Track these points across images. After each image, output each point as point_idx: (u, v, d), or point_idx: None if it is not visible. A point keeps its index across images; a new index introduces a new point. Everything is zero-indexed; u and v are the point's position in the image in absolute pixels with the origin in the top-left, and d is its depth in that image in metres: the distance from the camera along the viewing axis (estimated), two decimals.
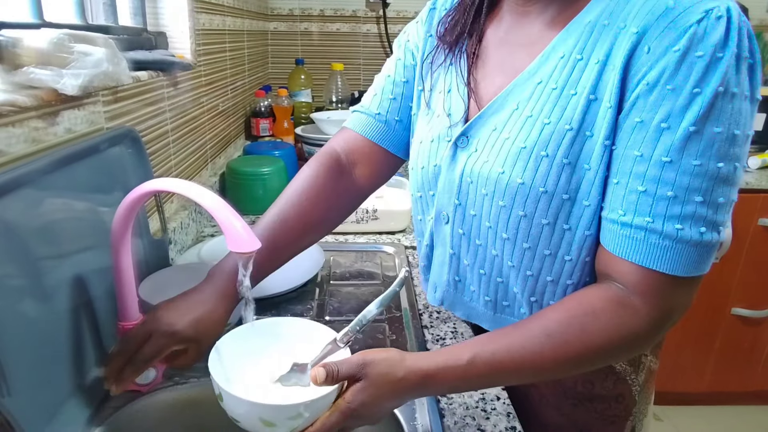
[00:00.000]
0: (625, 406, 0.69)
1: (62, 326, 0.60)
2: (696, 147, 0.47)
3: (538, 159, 0.54)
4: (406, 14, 2.23)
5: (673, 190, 0.48)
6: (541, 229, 0.57)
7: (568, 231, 0.57)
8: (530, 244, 0.59)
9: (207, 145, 1.31)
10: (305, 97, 2.01)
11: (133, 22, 1.04)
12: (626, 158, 0.51)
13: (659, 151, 0.48)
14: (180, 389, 0.68)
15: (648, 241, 0.50)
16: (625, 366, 0.68)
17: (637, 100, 0.49)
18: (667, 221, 0.49)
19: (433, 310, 0.88)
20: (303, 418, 0.49)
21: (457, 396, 0.67)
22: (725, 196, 0.49)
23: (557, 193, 0.55)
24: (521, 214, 0.57)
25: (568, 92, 0.54)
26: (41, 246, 0.57)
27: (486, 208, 0.60)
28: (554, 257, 0.58)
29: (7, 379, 0.49)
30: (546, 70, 0.56)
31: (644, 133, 0.49)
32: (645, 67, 0.49)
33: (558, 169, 0.54)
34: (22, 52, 0.56)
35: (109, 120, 0.77)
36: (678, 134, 0.47)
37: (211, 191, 0.56)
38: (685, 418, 2.05)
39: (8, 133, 0.55)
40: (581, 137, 0.53)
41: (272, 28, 2.23)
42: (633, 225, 0.51)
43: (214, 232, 1.17)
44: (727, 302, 1.94)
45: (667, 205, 0.49)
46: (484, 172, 0.59)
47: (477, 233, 0.63)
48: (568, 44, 0.55)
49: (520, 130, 0.56)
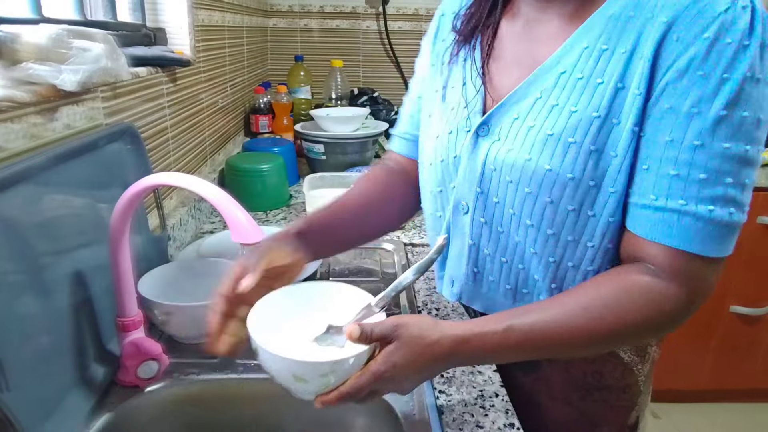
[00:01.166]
0: (631, 395, 0.71)
1: (61, 322, 0.60)
2: (726, 131, 0.49)
3: (566, 146, 0.55)
4: (405, 11, 2.23)
5: (705, 172, 0.50)
6: (566, 215, 0.58)
7: (592, 217, 0.57)
8: (554, 231, 0.59)
9: (206, 141, 1.31)
10: (304, 93, 2.00)
11: (132, 18, 1.03)
12: (657, 144, 0.52)
13: (690, 135, 0.50)
14: (180, 385, 0.68)
15: (681, 224, 0.51)
16: (632, 356, 0.69)
17: (667, 86, 0.51)
18: (699, 203, 0.50)
19: (432, 308, 0.88)
20: (334, 377, 0.50)
21: (456, 392, 0.68)
22: (750, 177, 0.51)
23: (584, 180, 0.55)
24: (547, 201, 0.57)
25: (594, 81, 0.54)
26: (40, 242, 0.57)
27: (510, 196, 0.60)
28: (577, 243, 0.59)
29: (6, 374, 0.49)
30: (570, 61, 0.56)
31: (675, 119, 0.51)
32: (674, 55, 0.50)
33: (585, 156, 0.55)
34: (21, 47, 0.56)
35: (108, 116, 0.77)
36: (708, 118, 0.49)
37: (213, 184, 0.56)
38: (683, 416, 2.06)
39: (7, 129, 0.55)
40: (608, 124, 0.54)
41: (272, 24, 2.22)
42: (666, 209, 0.52)
43: (213, 229, 1.17)
44: (726, 300, 1.95)
45: (700, 187, 0.50)
46: (509, 159, 0.59)
47: (499, 221, 0.63)
48: (591, 36, 0.55)
49: (546, 118, 0.57)
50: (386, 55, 2.29)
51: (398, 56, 2.28)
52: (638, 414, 0.73)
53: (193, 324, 0.72)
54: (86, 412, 0.61)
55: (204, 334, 0.76)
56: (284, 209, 1.34)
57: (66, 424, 0.58)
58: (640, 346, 0.69)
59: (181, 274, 0.82)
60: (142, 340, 0.65)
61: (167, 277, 0.79)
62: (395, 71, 2.31)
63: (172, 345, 0.75)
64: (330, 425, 0.71)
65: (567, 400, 0.71)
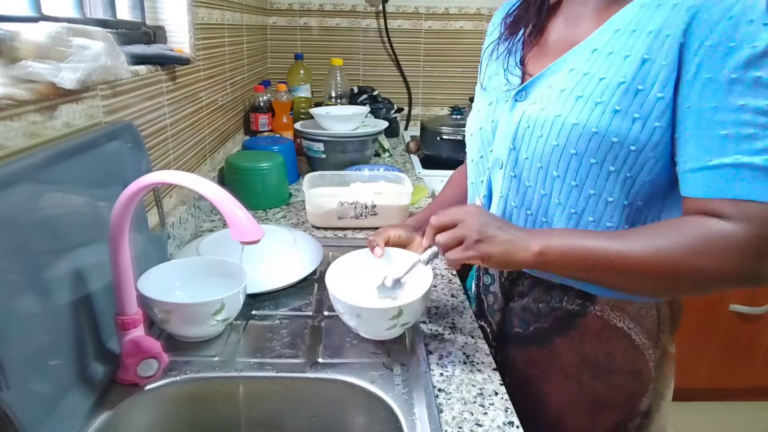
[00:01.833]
0: (642, 381, 0.73)
1: (61, 320, 0.60)
2: (764, 90, 0.56)
3: (593, 105, 0.63)
4: (405, 9, 2.23)
5: (752, 128, 0.56)
6: (589, 168, 0.64)
7: (612, 173, 0.64)
8: (578, 182, 0.66)
9: (206, 140, 1.31)
10: (304, 92, 2.00)
11: (131, 16, 1.03)
12: (702, 112, 0.58)
13: (733, 98, 0.56)
14: (180, 383, 0.68)
15: (739, 176, 0.56)
16: (644, 339, 0.72)
17: (703, 61, 0.57)
18: (753, 155, 0.56)
19: (432, 306, 0.88)
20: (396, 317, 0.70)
21: (455, 391, 0.68)
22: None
23: (607, 135, 0.62)
24: (572, 152, 0.64)
25: (622, 54, 0.62)
26: (40, 240, 0.57)
27: (539, 150, 0.67)
28: (598, 197, 0.65)
29: (6, 372, 0.49)
30: (602, 41, 0.65)
31: (716, 87, 0.57)
32: (704, 33, 0.57)
33: (610, 115, 0.62)
34: (20, 45, 0.56)
35: (108, 114, 0.77)
36: (746, 82, 0.56)
37: (213, 182, 0.56)
38: (682, 414, 2.06)
39: (6, 127, 0.55)
40: (633, 89, 0.61)
41: (271, 22, 2.22)
42: (723, 165, 0.57)
43: (212, 227, 1.17)
44: (726, 298, 1.95)
45: (750, 142, 0.56)
46: (542, 116, 0.67)
47: (528, 175, 0.70)
48: (623, 21, 0.64)
49: (577, 84, 0.65)
50: (386, 53, 2.29)
51: (398, 55, 2.27)
52: (650, 401, 0.75)
53: (193, 322, 0.72)
54: (86, 411, 0.61)
55: (202, 334, 0.77)
56: (284, 208, 1.34)
57: (66, 422, 0.58)
58: (652, 330, 0.72)
59: (181, 273, 0.82)
60: (141, 339, 0.65)
61: (167, 275, 0.79)
62: (395, 70, 2.31)
63: (171, 343, 0.75)
64: (330, 423, 0.71)
65: (578, 379, 0.74)
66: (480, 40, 2.32)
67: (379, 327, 0.73)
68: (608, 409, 0.74)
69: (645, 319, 0.72)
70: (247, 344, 0.76)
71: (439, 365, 0.73)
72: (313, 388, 0.70)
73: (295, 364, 0.72)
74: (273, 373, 0.70)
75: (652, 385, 0.74)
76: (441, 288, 0.95)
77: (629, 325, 0.71)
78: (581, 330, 0.73)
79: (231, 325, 0.80)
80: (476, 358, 0.75)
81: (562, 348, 0.74)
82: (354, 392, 0.69)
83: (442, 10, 2.24)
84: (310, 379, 0.70)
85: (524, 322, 0.78)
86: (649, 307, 0.72)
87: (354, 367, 0.71)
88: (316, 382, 0.70)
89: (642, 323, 0.72)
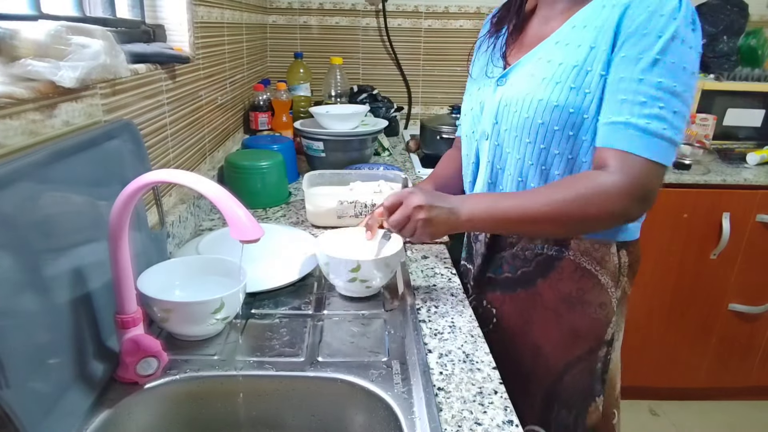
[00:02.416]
0: (606, 313, 0.89)
1: (61, 319, 0.60)
2: (659, 70, 0.72)
3: (554, 85, 0.79)
4: (405, 8, 2.23)
5: (644, 97, 0.73)
6: (554, 134, 0.81)
7: (572, 136, 0.81)
8: (545, 145, 0.82)
9: (205, 138, 1.31)
10: (304, 91, 2.00)
11: (131, 15, 1.03)
12: (614, 81, 0.75)
13: (635, 73, 0.73)
14: (179, 382, 0.69)
15: (627, 132, 0.73)
16: (607, 279, 0.88)
17: (624, 43, 0.74)
18: (640, 118, 0.73)
19: (431, 305, 0.89)
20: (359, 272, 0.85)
21: (455, 389, 0.68)
22: (679, 108, 0.73)
23: (566, 107, 0.79)
24: (540, 122, 0.81)
25: (576, 44, 0.79)
26: (39, 239, 0.57)
27: (515, 123, 0.84)
28: (562, 156, 0.82)
29: (5, 371, 0.49)
30: (562, 35, 0.82)
31: (626, 63, 0.74)
32: (629, 23, 0.74)
33: (567, 92, 0.79)
34: (20, 44, 0.56)
35: (107, 113, 0.77)
36: (648, 61, 0.73)
37: (212, 181, 0.56)
38: (681, 414, 2.06)
39: (5, 126, 0.55)
40: (584, 71, 0.78)
41: (271, 21, 2.22)
42: (617, 122, 0.74)
43: (212, 226, 1.17)
44: (725, 298, 1.95)
45: (640, 107, 0.73)
46: (516, 96, 0.84)
47: (508, 143, 0.87)
48: (579, 19, 0.81)
49: (543, 69, 0.82)
50: (386, 52, 2.29)
51: (398, 53, 2.27)
52: (613, 332, 0.90)
53: (193, 321, 0.72)
54: (85, 409, 0.61)
55: (202, 333, 0.77)
56: (283, 207, 1.34)
57: (65, 420, 0.58)
58: (613, 273, 0.88)
59: (181, 271, 0.82)
60: (141, 337, 0.65)
61: (166, 274, 0.79)
62: (395, 68, 2.31)
63: (171, 342, 0.75)
64: (329, 422, 0.71)
65: (557, 311, 0.90)
66: None
67: (340, 278, 0.87)
68: (580, 338, 0.89)
69: (608, 263, 0.87)
70: (246, 343, 0.76)
71: (438, 364, 0.73)
72: (313, 386, 0.70)
73: (294, 362, 0.72)
74: (272, 371, 0.70)
75: (614, 318, 0.89)
76: (440, 287, 0.95)
77: (596, 267, 0.87)
78: (558, 271, 0.89)
79: (230, 324, 0.80)
80: (476, 357, 0.75)
81: (543, 288, 0.90)
82: (353, 391, 0.69)
83: (441, 9, 2.24)
84: (310, 378, 0.70)
85: (514, 267, 0.93)
86: (611, 255, 0.87)
87: (353, 366, 0.71)
88: (315, 381, 0.70)
89: (605, 266, 0.87)
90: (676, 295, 1.93)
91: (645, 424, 2.01)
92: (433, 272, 1.01)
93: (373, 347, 0.76)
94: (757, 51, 2.15)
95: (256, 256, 0.90)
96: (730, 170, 1.85)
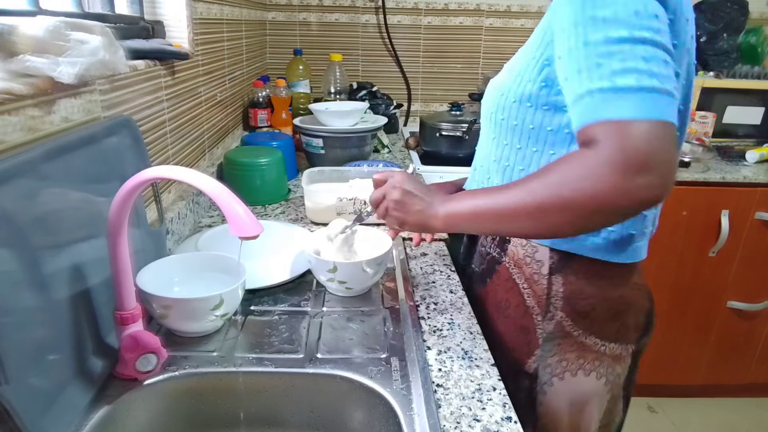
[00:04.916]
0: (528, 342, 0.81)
1: (60, 315, 0.60)
2: (601, 25, 0.60)
3: (511, 85, 0.77)
4: (405, 5, 2.22)
5: (598, 58, 0.59)
6: (513, 128, 0.78)
7: (532, 129, 0.76)
8: (507, 141, 0.80)
9: (205, 135, 1.31)
10: (303, 87, 2.00)
11: (130, 11, 1.03)
12: (561, 59, 0.65)
13: (578, 40, 0.61)
14: (178, 378, 0.69)
15: (593, 101, 0.58)
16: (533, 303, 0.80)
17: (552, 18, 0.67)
18: (601, 80, 0.58)
19: (431, 302, 0.89)
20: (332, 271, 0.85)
21: (454, 386, 0.68)
22: (648, 52, 0.58)
23: (522, 102, 0.75)
24: (501, 118, 0.79)
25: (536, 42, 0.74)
26: (38, 235, 0.57)
27: (486, 120, 0.85)
28: (524, 150, 0.78)
29: (5, 367, 0.49)
30: (529, 40, 0.79)
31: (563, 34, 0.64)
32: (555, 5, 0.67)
33: (522, 88, 0.75)
34: (18, 39, 0.56)
35: (106, 109, 0.77)
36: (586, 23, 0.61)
37: (212, 178, 0.56)
38: (680, 411, 2.07)
39: (4, 122, 0.54)
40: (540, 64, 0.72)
41: (270, 17, 2.21)
42: (580, 98, 0.60)
43: (211, 223, 1.17)
44: (723, 295, 1.95)
45: (599, 70, 0.59)
46: (488, 97, 0.84)
47: (481, 142, 0.88)
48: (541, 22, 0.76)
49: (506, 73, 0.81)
50: (385, 49, 2.28)
51: (397, 50, 2.27)
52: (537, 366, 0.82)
53: (192, 317, 0.73)
54: (85, 405, 0.61)
55: (201, 329, 0.77)
56: (283, 203, 1.34)
57: (65, 416, 0.58)
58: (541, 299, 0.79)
59: (180, 268, 0.82)
60: (140, 333, 0.65)
61: (166, 270, 0.79)
62: (394, 65, 2.31)
63: (170, 338, 0.75)
64: (328, 419, 0.71)
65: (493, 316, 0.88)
66: (479, 36, 2.32)
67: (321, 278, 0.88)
68: (509, 350, 0.84)
69: (536, 285, 0.79)
70: (245, 339, 0.77)
71: (437, 361, 0.73)
72: (312, 383, 0.70)
73: (293, 359, 0.72)
74: (272, 368, 0.70)
75: (539, 353, 0.80)
76: (440, 284, 0.95)
77: (523, 285, 0.81)
78: (497, 275, 0.86)
79: (230, 321, 0.80)
80: (474, 354, 0.75)
81: (490, 288, 0.88)
82: (352, 388, 0.69)
83: (441, 6, 2.24)
84: (309, 375, 0.70)
85: (478, 262, 0.93)
86: (540, 275, 0.79)
87: (352, 363, 0.71)
88: (314, 378, 0.70)
89: (533, 287, 0.80)
90: (674, 293, 1.94)
91: (643, 421, 2.02)
92: (432, 269, 1.01)
93: (372, 344, 0.76)
94: (756, 48, 2.15)
95: (256, 253, 0.90)
96: (730, 168, 1.85)
